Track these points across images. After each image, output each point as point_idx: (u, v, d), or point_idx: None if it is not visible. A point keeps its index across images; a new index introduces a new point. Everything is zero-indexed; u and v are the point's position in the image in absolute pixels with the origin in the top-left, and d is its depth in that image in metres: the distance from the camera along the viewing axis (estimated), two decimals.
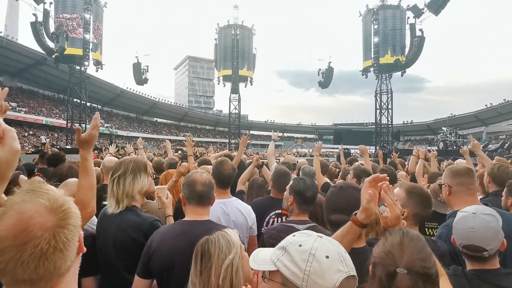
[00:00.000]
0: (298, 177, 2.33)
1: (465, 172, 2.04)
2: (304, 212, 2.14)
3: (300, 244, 0.90)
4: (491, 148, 21.68)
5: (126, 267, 1.87)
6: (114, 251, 1.90)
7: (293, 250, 0.90)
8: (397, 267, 1.03)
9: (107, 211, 1.95)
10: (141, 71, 33.44)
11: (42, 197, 0.79)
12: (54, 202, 0.79)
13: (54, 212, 0.77)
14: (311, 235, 0.94)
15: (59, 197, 0.81)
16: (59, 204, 0.79)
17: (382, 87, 34.29)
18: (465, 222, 1.45)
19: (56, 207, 0.78)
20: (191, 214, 1.85)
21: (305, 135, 75.94)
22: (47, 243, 0.74)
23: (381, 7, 34.16)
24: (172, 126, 63.64)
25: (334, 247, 0.90)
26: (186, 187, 1.88)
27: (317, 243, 0.89)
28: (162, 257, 1.69)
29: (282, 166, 3.29)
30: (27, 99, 40.69)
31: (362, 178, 3.36)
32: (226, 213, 2.31)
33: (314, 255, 0.86)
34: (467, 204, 1.94)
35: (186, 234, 1.72)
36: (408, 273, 1.01)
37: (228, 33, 40.61)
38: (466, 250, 1.45)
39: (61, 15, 29.35)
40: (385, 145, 32.45)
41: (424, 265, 1.03)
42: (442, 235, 1.95)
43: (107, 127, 47.37)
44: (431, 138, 57.97)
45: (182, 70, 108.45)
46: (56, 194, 0.82)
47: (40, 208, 0.76)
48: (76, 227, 0.81)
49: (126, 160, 2.02)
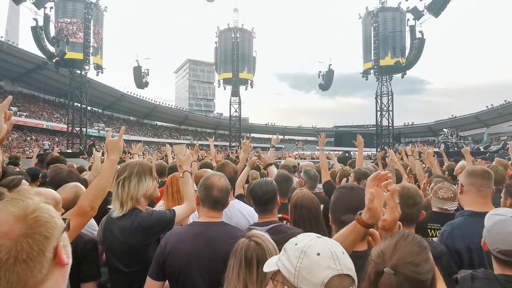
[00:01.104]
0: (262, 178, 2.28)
1: (479, 173, 2.03)
2: (263, 212, 2.10)
3: (296, 243, 0.93)
4: (492, 149, 21.62)
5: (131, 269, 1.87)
6: (121, 255, 1.90)
7: (290, 249, 0.93)
8: (385, 266, 1.03)
9: (112, 215, 1.95)
10: (142, 75, 33.49)
11: (15, 205, 0.76)
12: (25, 210, 0.75)
13: (23, 221, 0.73)
14: (310, 236, 0.96)
15: (32, 205, 0.77)
16: (28, 212, 0.75)
17: (382, 89, 34.33)
18: (504, 226, 1.38)
19: (25, 215, 0.74)
20: (205, 216, 1.85)
21: (305, 138, 75.94)
22: (7, 253, 0.70)
23: (381, 9, 34.26)
24: (173, 130, 63.72)
25: (329, 246, 0.91)
26: (202, 190, 1.86)
27: (312, 241, 0.92)
28: (179, 258, 1.68)
29: (283, 170, 3.26)
30: (27, 104, 40.81)
31: (362, 180, 3.37)
32: (227, 216, 2.30)
33: (306, 252, 0.89)
34: (477, 205, 1.94)
35: (203, 235, 1.74)
36: (395, 274, 1.00)
37: (228, 36, 40.72)
38: (502, 255, 1.38)
39: (62, 19, 29.49)
40: (386, 147, 32.42)
41: (415, 270, 1.01)
42: (445, 233, 1.94)
43: (107, 130, 47.42)
44: (432, 140, 57.88)
45: (182, 73, 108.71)
46: (31, 202, 0.78)
47: (9, 216, 0.73)
48: (47, 238, 0.75)
49: (131, 163, 2.02)
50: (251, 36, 42.24)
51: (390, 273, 1.01)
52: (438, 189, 2.56)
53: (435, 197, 2.58)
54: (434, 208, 2.59)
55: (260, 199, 2.07)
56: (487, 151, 17.68)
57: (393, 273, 1.00)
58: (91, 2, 30.73)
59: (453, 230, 1.93)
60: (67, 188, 2.16)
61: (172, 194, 2.85)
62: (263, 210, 2.10)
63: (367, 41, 35.56)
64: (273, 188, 2.11)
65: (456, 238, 1.89)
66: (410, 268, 1.01)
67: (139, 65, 33.23)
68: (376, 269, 1.04)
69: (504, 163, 4.37)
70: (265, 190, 2.06)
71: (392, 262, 1.02)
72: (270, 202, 2.08)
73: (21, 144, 34.12)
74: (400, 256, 1.03)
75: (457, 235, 1.90)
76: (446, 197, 2.50)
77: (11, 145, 32.19)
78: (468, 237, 1.85)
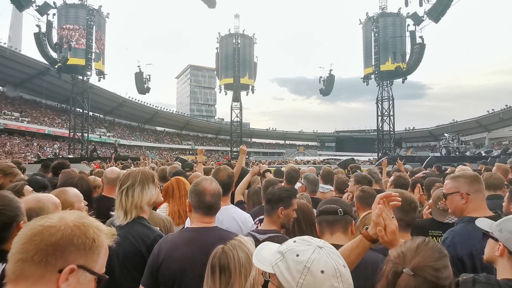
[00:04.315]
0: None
1: (478, 178, 2.04)
2: (269, 219, 2.11)
3: (298, 253, 0.91)
4: (493, 154, 21.56)
5: (128, 278, 1.85)
6: (117, 262, 1.88)
7: (290, 259, 0.91)
8: (404, 267, 1.03)
9: (114, 223, 1.93)
10: (143, 80, 33.58)
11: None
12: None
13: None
14: (310, 244, 0.94)
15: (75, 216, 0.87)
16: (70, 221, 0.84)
17: (383, 94, 34.33)
18: None
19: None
20: (198, 222, 1.84)
21: (307, 143, 75.97)
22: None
23: (381, 15, 34.40)
24: (174, 135, 63.79)
25: (332, 261, 0.90)
26: (194, 196, 1.85)
27: (315, 254, 0.90)
28: (173, 264, 1.67)
29: (272, 177, 3.33)
30: (30, 109, 40.99)
31: (362, 184, 3.44)
32: (219, 220, 2.29)
33: (310, 268, 0.87)
34: (483, 211, 1.95)
35: (196, 241, 1.72)
36: (414, 276, 1.01)
37: (230, 42, 40.89)
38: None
39: (64, 26, 29.71)
40: (387, 152, 32.37)
41: (435, 274, 1.02)
42: (447, 240, 1.93)
43: (109, 136, 47.54)
44: (433, 145, 57.84)
45: (183, 78, 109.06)
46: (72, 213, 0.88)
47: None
48: (60, 245, 0.81)
49: (134, 172, 2.01)
50: (252, 42, 42.42)
51: (409, 274, 1.01)
52: (438, 199, 2.52)
53: (435, 207, 2.56)
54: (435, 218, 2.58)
55: (266, 206, 2.11)
56: (488, 156, 17.61)
57: (412, 274, 1.01)
58: (93, 9, 30.97)
59: (455, 237, 1.92)
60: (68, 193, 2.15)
61: (180, 198, 2.84)
62: (267, 217, 2.13)
63: (367, 46, 35.65)
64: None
65: (458, 245, 1.88)
66: (430, 272, 1.02)
67: (140, 71, 33.35)
68: (395, 269, 1.04)
69: (505, 167, 4.37)
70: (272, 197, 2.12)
71: (413, 263, 1.03)
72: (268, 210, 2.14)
73: (23, 149, 34.20)
74: (422, 259, 1.04)
75: (459, 241, 1.89)
76: (447, 209, 2.48)
77: (13, 151, 32.25)
78: (470, 243, 1.84)
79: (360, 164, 9.00)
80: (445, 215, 2.48)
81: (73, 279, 0.82)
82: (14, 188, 2.61)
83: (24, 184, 2.75)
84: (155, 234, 1.91)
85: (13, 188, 2.59)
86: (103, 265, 0.93)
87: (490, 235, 1.45)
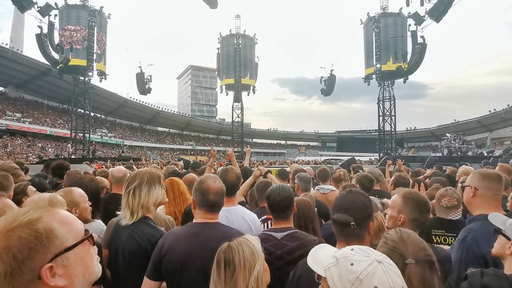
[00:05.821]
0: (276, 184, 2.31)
1: (496, 177, 2.01)
2: (279, 219, 2.09)
3: (352, 263, 0.87)
4: (495, 154, 21.51)
5: (133, 277, 1.87)
6: (123, 261, 1.92)
7: (344, 267, 0.88)
8: (405, 259, 1.10)
9: (120, 223, 1.96)
10: (144, 81, 33.64)
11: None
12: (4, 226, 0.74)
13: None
14: (369, 256, 0.89)
15: (11, 220, 0.75)
16: (6, 229, 0.74)
17: (384, 94, 34.34)
18: None
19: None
20: (201, 218, 1.87)
21: (308, 143, 75.90)
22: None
23: (382, 15, 34.41)
24: (176, 135, 63.85)
25: (390, 280, 0.84)
26: (198, 194, 1.87)
27: (371, 268, 0.85)
28: (175, 257, 1.71)
29: (265, 180, 3.36)
30: (31, 110, 41.09)
31: (363, 183, 3.53)
32: (230, 221, 2.31)
33: (362, 281, 0.83)
34: (491, 209, 1.93)
35: (198, 235, 1.77)
36: (416, 263, 1.09)
37: (231, 42, 40.97)
38: None
39: (66, 27, 29.83)
40: (389, 152, 32.34)
41: (427, 253, 1.13)
42: (467, 238, 1.87)
43: (110, 136, 47.62)
44: (435, 145, 57.72)
45: (185, 79, 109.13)
46: (10, 216, 0.77)
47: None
48: (16, 259, 0.72)
49: (141, 172, 2.03)
50: (253, 42, 42.48)
51: (412, 263, 1.08)
52: (442, 196, 2.54)
53: (438, 205, 2.57)
54: (438, 215, 2.59)
55: (278, 205, 2.06)
56: (490, 156, 17.57)
57: (414, 262, 1.09)
58: (95, 10, 31.10)
59: (476, 235, 1.87)
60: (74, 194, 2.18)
61: (174, 199, 2.88)
62: (279, 216, 2.08)
63: (368, 47, 35.67)
64: (290, 194, 2.11)
65: (481, 243, 1.83)
66: (423, 253, 1.13)
67: (142, 71, 33.42)
68: (397, 265, 1.04)
69: (508, 167, 4.36)
70: (284, 196, 2.06)
71: (410, 253, 1.11)
72: (287, 208, 2.08)
73: (25, 150, 34.28)
74: (412, 246, 1.14)
75: (482, 239, 1.84)
76: (450, 206, 2.49)
77: (15, 151, 32.34)
78: (492, 241, 1.83)
79: (362, 164, 9.00)
80: (449, 211, 2.49)
81: (58, 270, 0.77)
82: (18, 188, 2.63)
83: (28, 184, 2.77)
84: (160, 234, 1.93)
85: (17, 188, 2.62)
86: (78, 229, 0.84)
87: (502, 233, 1.45)
